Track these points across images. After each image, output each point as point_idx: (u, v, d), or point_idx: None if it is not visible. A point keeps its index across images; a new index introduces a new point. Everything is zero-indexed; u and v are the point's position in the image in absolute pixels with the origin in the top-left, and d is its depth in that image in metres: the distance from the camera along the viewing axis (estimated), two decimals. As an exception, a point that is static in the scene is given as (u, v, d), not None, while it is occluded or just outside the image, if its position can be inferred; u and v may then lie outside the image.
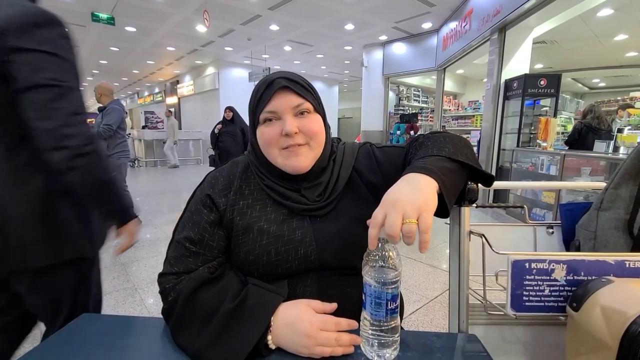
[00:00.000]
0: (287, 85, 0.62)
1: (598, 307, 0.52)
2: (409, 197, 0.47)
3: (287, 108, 0.62)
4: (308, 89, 0.65)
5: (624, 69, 8.38)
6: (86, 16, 6.08)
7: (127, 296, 2.21)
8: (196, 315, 0.56)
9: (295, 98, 0.62)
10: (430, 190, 0.49)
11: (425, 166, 0.53)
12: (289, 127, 0.61)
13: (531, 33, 4.54)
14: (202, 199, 0.66)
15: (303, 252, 0.62)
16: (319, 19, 6.40)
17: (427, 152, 0.58)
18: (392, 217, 0.45)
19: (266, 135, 0.63)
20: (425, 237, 0.44)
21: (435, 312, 2.05)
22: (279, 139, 0.63)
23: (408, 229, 0.44)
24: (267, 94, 0.62)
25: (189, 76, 12.30)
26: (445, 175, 0.52)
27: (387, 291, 0.48)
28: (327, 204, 0.65)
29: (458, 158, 0.57)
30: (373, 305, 0.50)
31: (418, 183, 0.50)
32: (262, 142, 0.65)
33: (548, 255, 0.61)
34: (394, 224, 0.44)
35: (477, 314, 0.73)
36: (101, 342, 0.59)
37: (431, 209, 0.47)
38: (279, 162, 0.64)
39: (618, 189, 0.72)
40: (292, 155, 0.63)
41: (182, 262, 0.62)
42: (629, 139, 3.29)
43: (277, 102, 0.62)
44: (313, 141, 0.64)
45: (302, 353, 0.52)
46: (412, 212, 0.45)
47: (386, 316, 0.49)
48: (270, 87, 0.62)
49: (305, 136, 0.63)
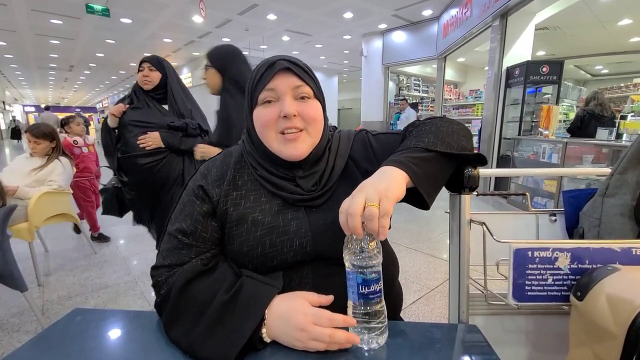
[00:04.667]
0: (289, 67, 0.60)
1: (604, 296, 0.50)
2: (373, 184, 0.50)
3: (287, 88, 0.60)
4: (309, 73, 0.64)
5: (627, 55, 8.25)
6: (81, 8, 5.99)
7: (127, 289, 2.21)
8: (189, 308, 0.55)
9: (296, 80, 0.61)
10: (397, 179, 0.51)
11: (396, 159, 0.55)
12: (288, 107, 0.59)
13: (533, 19, 4.46)
14: (195, 190, 0.64)
15: (298, 244, 0.60)
16: (317, 7, 6.28)
17: (406, 145, 0.60)
18: (354, 199, 0.48)
19: (263, 117, 0.61)
20: (382, 222, 0.46)
21: (436, 302, 2.05)
22: (276, 121, 0.61)
23: (369, 211, 0.46)
24: (267, 74, 0.61)
25: (187, 68, 12.18)
26: (417, 166, 0.54)
27: (358, 274, 0.50)
28: (322, 194, 0.64)
29: (435, 148, 0.57)
30: (350, 289, 0.52)
31: (386, 173, 0.52)
32: (258, 124, 0.63)
33: (551, 243, 0.59)
34: (355, 204, 0.47)
35: (478, 304, 0.72)
36: (93, 336, 0.57)
37: (392, 195, 0.49)
38: (274, 147, 0.62)
39: (624, 174, 0.69)
40: (289, 142, 0.61)
41: (175, 255, 0.60)
42: (632, 125, 3.25)
43: (277, 81, 0.60)
44: (311, 127, 0.63)
45: (297, 346, 0.50)
46: (374, 195, 0.48)
47: (358, 299, 0.50)
48: (272, 68, 0.61)
49: (303, 121, 0.62)
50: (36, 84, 17.48)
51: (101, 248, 2.92)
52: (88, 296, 2.14)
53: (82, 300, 2.09)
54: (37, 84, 17.21)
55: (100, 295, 2.15)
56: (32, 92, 21.24)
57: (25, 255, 2.15)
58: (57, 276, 2.39)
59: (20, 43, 8.75)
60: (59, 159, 2.41)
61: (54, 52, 10.00)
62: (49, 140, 2.37)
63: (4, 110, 19.14)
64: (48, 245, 2.88)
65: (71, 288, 2.23)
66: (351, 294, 0.51)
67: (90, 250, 2.82)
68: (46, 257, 2.72)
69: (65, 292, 2.17)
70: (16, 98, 24.86)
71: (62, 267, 2.55)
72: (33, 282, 2.19)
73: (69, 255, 2.78)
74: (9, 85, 18.23)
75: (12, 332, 1.76)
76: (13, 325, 1.81)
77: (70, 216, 2.53)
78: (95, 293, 2.17)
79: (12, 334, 1.75)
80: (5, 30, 7.58)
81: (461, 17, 5.49)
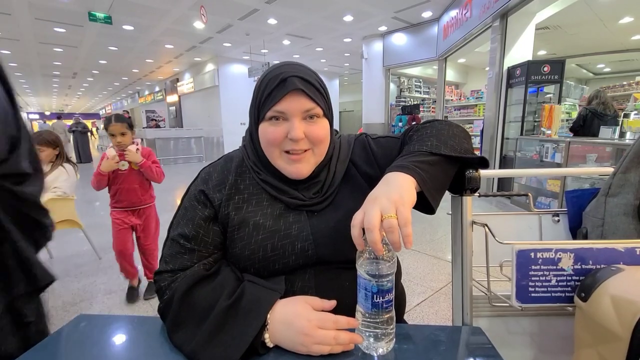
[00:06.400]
0: (302, 88, 0.58)
1: (608, 297, 0.49)
2: (385, 193, 0.48)
3: (298, 112, 0.59)
4: (321, 91, 0.62)
5: (629, 53, 8.20)
6: (83, 16, 6.06)
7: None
8: (192, 314, 0.55)
9: (308, 102, 0.59)
10: (406, 185, 0.50)
11: (401, 164, 0.54)
12: (296, 133, 0.58)
13: (534, 19, 4.45)
14: (196, 195, 0.65)
15: (300, 247, 0.61)
16: (317, 10, 6.31)
17: (409, 149, 0.60)
18: (370, 213, 0.46)
19: (270, 135, 0.61)
20: (406, 231, 0.45)
21: (440, 304, 2.04)
22: (282, 140, 0.60)
23: (389, 223, 0.44)
24: (278, 93, 0.58)
25: (189, 73, 12.26)
26: (424, 170, 0.53)
27: (374, 284, 0.48)
28: (324, 199, 0.64)
29: (440, 151, 0.57)
30: (362, 297, 0.50)
31: (394, 180, 0.51)
32: (264, 140, 0.62)
33: (554, 244, 0.59)
34: (372, 217, 0.45)
35: (482, 306, 0.71)
36: (98, 342, 0.58)
37: (407, 202, 0.47)
38: (279, 164, 0.63)
39: (627, 174, 0.69)
40: (293, 162, 0.61)
41: (177, 260, 0.61)
42: (635, 124, 3.23)
43: (288, 104, 0.58)
44: (317, 148, 0.63)
45: (300, 351, 0.50)
46: (389, 206, 0.46)
47: (372, 309, 0.49)
48: (283, 87, 0.58)
49: (310, 142, 0.61)
50: (40, 92, 17.65)
51: (106, 254, 2.93)
52: (93, 302, 2.14)
53: (86, 306, 2.10)
54: (40, 91, 17.38)
55: (104, 301, 2.16)
56: (36, 99, 21.44)
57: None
58: (61, 282, 2.40)
59: (24, 51, 8.85)
60: (63, 165, 2.44)
61: (58, 60, 10.11)
62: (52, 147, 2.39)
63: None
64: (53, 252, 2.90)
65: (76, 294, 2.24)
66: (364, 302, 0.50)
67: (94, 256, 2.83)
68: (51, 263, 2.74)
69: (70, 298, 2.18)
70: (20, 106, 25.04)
71: (67, 273, 2.57)
72: (38, 289, 2.20)
73: (73, 261, 2.79)
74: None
75: (18, 338, 1.77)
76: (18, 332, 1.82)
77: (75, 222, 2.55)
78: (100, 299, 2.18)
79: (17, 340, 1.75)
80: (9, 39, 7.67)
81: (461, 18, 5.49)
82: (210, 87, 10.82)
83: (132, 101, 19.85)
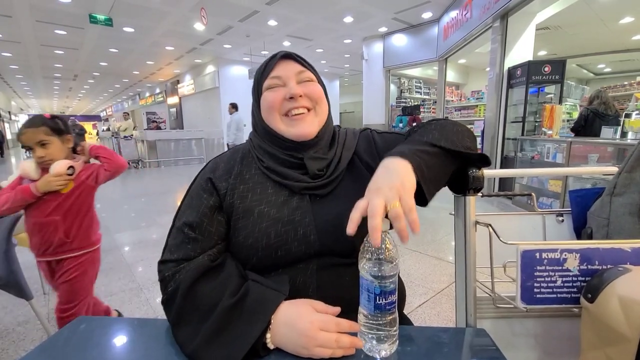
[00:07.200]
0: (291, 55, 0.66)
1: (615, 298, 0.49)
2: (387, 182, 0.48)
3: (291, 74, 0.65)
4: (311, 66, 0.69)
5: (630, 53, 8.20)
6: (84, 18, 6.07)
7: (132, 296, 2.21)
8: (195, 311, 0.55)
9: (298, 66, 0.66)
10: (405, 171, 0.50)
11: (400, 150, 0.54)
12: (294, 89, 0.63)
13: (534, 19, 4.45)
14: (203, 184, 0.66)
15: (302, 233, 0.61)
16: (317, 11, 6.32)
17: (411, 139, 0.61)
18: (374, 201, 0.45)
19: (270, 99, 0.65)
20: (412, 217, 0.44)
21: (443, 305, 2.02)
22: (282, 102, 0.64)
23: (395, 212, 0.44)
24: (271, 64, 0.66)
25: (189, 75, 12.28)
26: (422, 158, 0.53)
27: (377, 285, 0.47)
28: (328, 183, 0.64)
29: (439, 144, 0.57)
30: (365, 299, 0.49)
31: (393, 167, 0.51)
32: (265, 109, 0.66)
33: (559, 244, 0.58)
34: (375, 206, 0.44)
35: (486, 307, 0.71)
36: (97, 344, 0.57)
37: (409, 189, 0.47)
38: (282, 129, 0.65)
39: (632, 173, 0.68)
40: (295, 122, 0.64)
41: (182, 249, 0.61)
42: (637, 124, 3.21)
43: (280, 68, 0.65)
44: (318, 106, 0.67)
45: (302, 354, 0.49)
46: (392, 194, 0.46)
47: (375, 310, 0.49)
48: (274, 58, 0.66)
49: (310, 100, 0.65)
50: (41, 94, 17.70)
51: (106, 255, 2.92)
52: (93, 304, 2.13)
53: (87, 308, 2.08)
54: (42, 93, 17.43)
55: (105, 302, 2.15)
56: (37, 101, 21.51)
57: (30, 264, 2.15)
58: (62, 284, 2.39)
59: (25, 54, 8.88)
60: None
61: (59, 62, 10.14)
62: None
63: (10, 120, 19.39)
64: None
65: (76, 296, 2.23)
66: (366, 303, 0.49)
67: (95, 257, 2.82)
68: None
69: (70, 300, 2.17)
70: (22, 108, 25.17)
71: (67, 275, 2.55)
72: (38, 291, 2.19)
73: (74, 263, 2.78)
74: (14, 96, 18.49)
75: (18, 340, 1.76)
76: (19, 334, 1.82)
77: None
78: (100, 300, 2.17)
79: (18, 342, 1.75)
80: (10, 42, 7.70)
81: (461, 18, 5.49)
82: (210, 89, 10.83)
83: (133, 103, 19.89)
